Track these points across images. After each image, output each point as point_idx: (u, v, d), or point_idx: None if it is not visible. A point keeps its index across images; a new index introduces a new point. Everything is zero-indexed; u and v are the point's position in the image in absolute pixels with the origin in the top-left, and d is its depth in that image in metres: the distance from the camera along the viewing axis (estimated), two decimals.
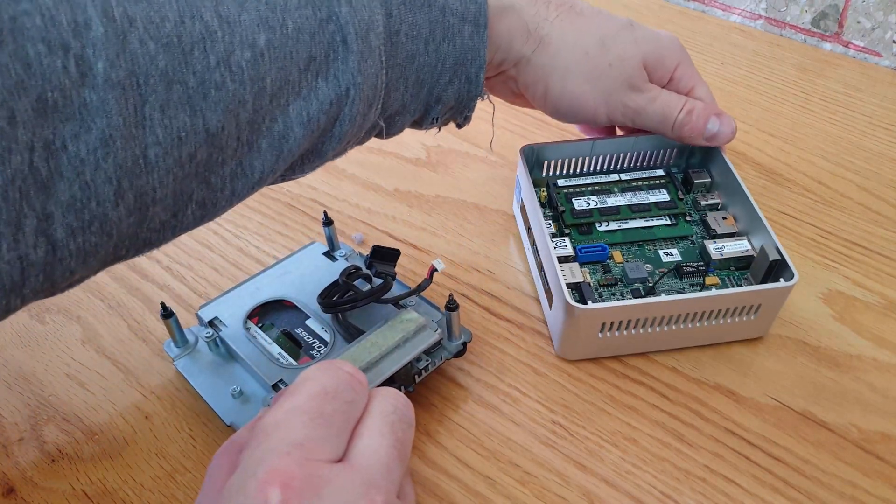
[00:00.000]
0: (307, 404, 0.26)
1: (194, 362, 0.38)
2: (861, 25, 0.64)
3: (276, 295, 0.41)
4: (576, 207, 0.45)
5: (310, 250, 0.44)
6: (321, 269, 0.42)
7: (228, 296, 0.41)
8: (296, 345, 0.38)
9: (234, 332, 0.38)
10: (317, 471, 0.24)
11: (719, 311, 0.38)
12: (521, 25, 0.39)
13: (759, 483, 0.35)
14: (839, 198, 0.51)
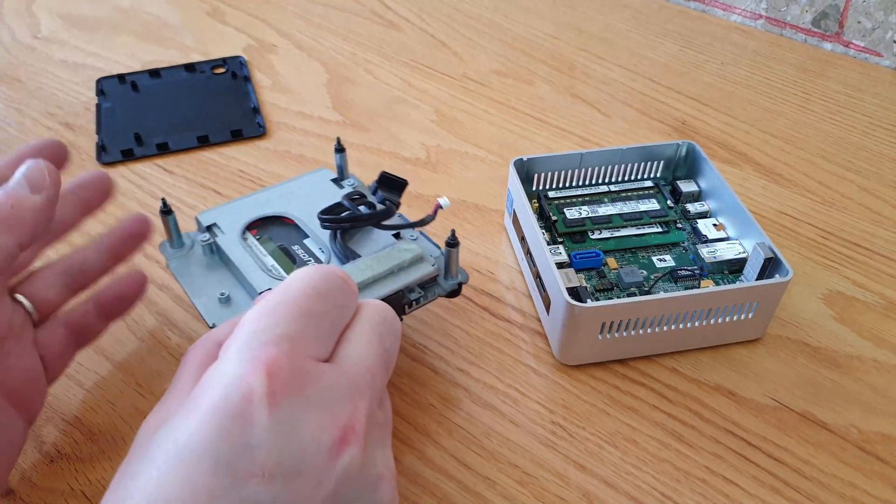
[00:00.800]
0: (298, 300, 0.25)
1: (187, 264, 0.38)
2: (861, 25, 0.64)
3: (278, 211, 0.40)
4: (568, 217, 0.45)
5: (318, 175, 0.43)
6: (327, 193, 0.41)
7: (231, 205, 0.40)
8: (290, 260, 0.38)
9: (230, 239, 0.38)
10: (304, 365, 0.23)
11: (717, 309, 0.38)
12: None
13: (759, 484, 0.35)
14: (839, 198, 0.51)
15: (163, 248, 0.38)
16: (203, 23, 0.69)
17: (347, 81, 0.61)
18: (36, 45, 0.66)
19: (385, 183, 0.39)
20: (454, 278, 0.38)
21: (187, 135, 0.56)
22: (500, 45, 0.66)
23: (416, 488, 0.35)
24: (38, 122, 0.57)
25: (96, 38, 0.67)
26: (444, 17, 0.70)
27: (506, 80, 0.62)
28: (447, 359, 0.40)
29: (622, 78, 0.62)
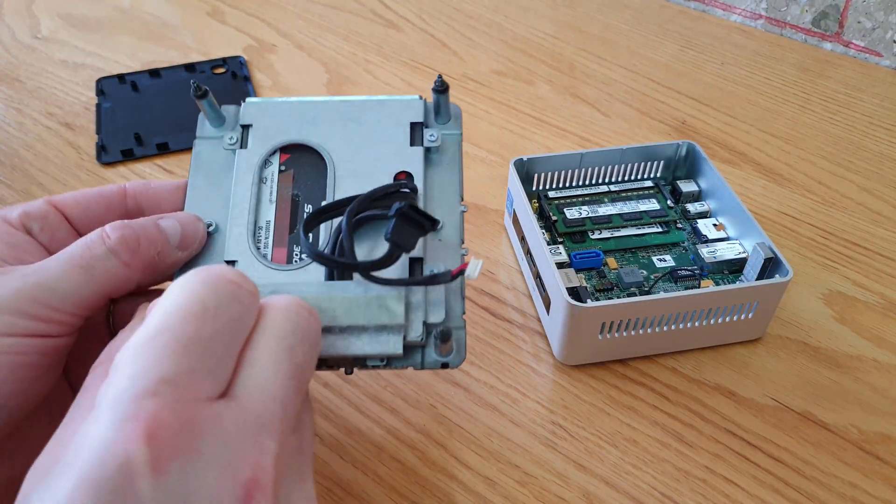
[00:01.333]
0: (180, 326, 0.21)
1: (212, 153, 0.32)
2: (862, 25, 0.64)
3: (321, 143, 0.32)
4: (568, 217, 0.45)
5: (402, 107, 0.33)
6: (393, 141, 0.32)
7: (281, 106, 0.33)
8: (290, 224, 0.31)
9: (246, 162, 0.31)
10: (193, 413, 0.19)
11: (717, 309, 0.38)
12: None
13: (759, 484, 0.35)
14: (840, 198, 0.51)
15: (200, 125, 0.33)
16: (203, 23, 0.69)
17: (347, 81, 0.61)
18: (36, 45, 0.66)
19: (407, 219, 0.28)
20: (442, 356, 0.28)
21: (187, 135, 0.56)
22: (500, 45, 0.66)
23: (416, 488, 0.35)
24: (37, 122, 0.57)
25: (96, 38, 0.67)
26: (444, 17, 0.70)
27: (506, 80, 0.62)
28: None
29: (622, 78, 0.62)
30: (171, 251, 0.28)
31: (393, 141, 0.32)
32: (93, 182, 0.52)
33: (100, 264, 0.26)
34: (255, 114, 0.32)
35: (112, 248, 0.26)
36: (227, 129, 0.32)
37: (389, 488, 0.35)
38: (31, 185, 0.51)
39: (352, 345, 0.27)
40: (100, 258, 0.26)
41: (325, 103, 0.33)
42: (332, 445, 0.36)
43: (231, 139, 0.32)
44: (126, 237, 0.27)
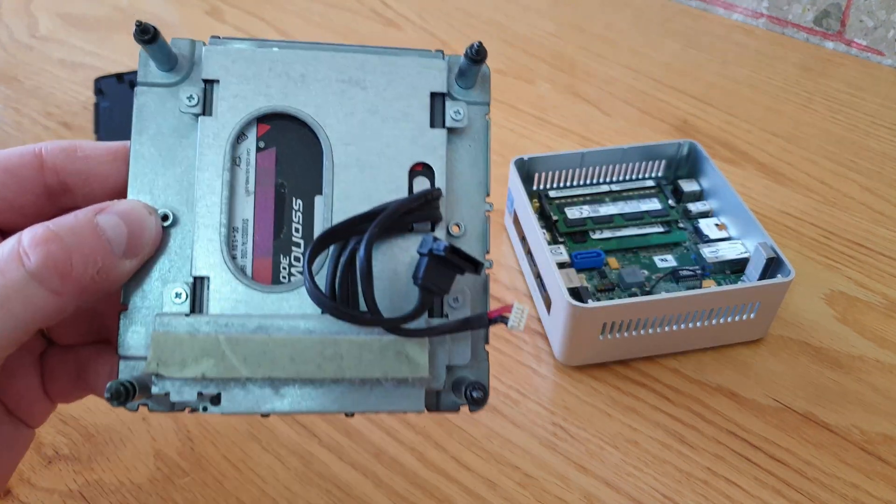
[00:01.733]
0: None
1: (162, 110, 0.24)
2: (864, 24, 0.64)
3: (318, 114, 0.24)
4: (569, 217, 0.45)
5: (418, 68, 0.25)
6: (409, 121, 0.25)
7: (257, 55, 0.24)
8: (275, 227, 0.24)
9: (215, 134, 0.24)
10: None
11: (718, 309, 0.38)
12: None
13: (761, 485, 0.35)
14: (842, 198, 0.51)
15: (143, 67, 0.24)
16: (202, 22, 0.69)
17: None
18: (34, 45, 0.65)
19: (443, 262, 0.22)
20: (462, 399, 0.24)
21: None
22: (501, 44, 0.66)
23: (416, 490, 0.35)
24: (36, 122, 0.57)
25: (94, 37, 0.67)
26: (444, 16, 0.70)
27: (506, 78, 0.62)
28: None
29: (623, 77, 0.62)
30: (115, 263, 0.22)
31: (407, 117, 0.25)
32: None
33: (18, 296, 0.20)
34: (222, 64, 0.24)
35: (34, 273, 0.20)
36: (178, 72, 0.24)
37: (389, 490, 0.35)
38: None
39: (363, 401, 0.23)
40: (17, 287, 0.20)
41: (318, 55, 0.24)
42: (331, 447, 0.36)
43: (190, 99, 0.24)
44: (52, 255, 0.20)
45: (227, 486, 0.35)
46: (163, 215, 0.23)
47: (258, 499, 0.34)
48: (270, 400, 0.22)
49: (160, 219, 0.23)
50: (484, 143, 0.26)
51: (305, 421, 0.37)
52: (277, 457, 0.36)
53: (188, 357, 0.22)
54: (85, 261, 0.21)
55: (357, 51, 0.25)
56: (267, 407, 0.22)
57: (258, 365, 0.22)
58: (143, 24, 0.24)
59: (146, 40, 0.24)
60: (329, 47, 0.25)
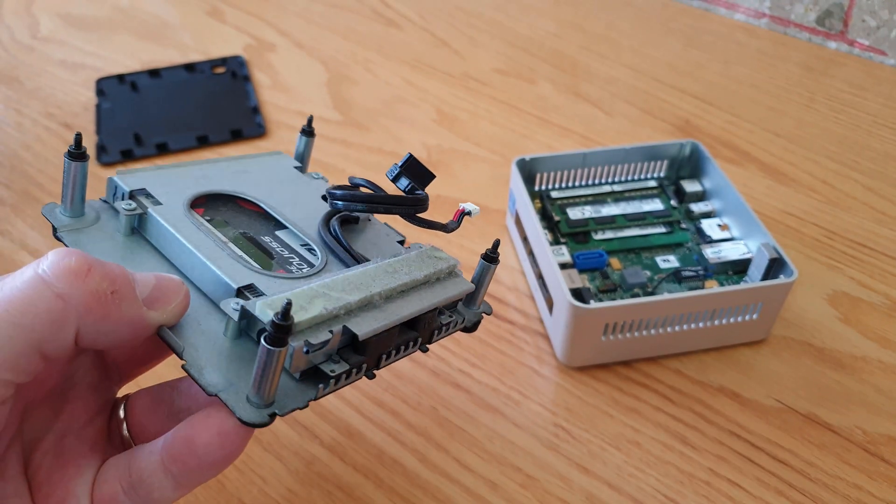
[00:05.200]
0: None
1: (92, 243, 0.25)
2: (866, 24, 0.64)
3: (233, 189, 0.29)
4: (571, 217, 0.45)
5: (275, 159, 0.33)
6: (295, 181, 0.32)
7: (159, 173, 0.28)
8: (265, 253, 0.27)
9: (172, 213, 0.26)
10: None
11: (721, 310, 0.38)
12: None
13: (764, 486, 0.35)
14: (844, 198, 0.51)
15: (50, 212, 0.26)
16: (202, 22, 0.69)
17: (347, 80, 0.61)
18: (35, 46, 0.65)
19: (411, 170, 0.29)
20: (478, 307, 0.29)
21: (187, 135, 0.55)
22: (502, 44, 0.66)
23: (417, 491, 0.35)
24: (37, 123, 0.57)
25: (95, 37, 0.67)
26: (444, 16, 0.70)
27: (507, 78, 0.62)
28: (448, 360, 0.40)
29: (625, 77, 0.62)
30: (132, 299, 0.21)
31: (293, 179, 0.32)
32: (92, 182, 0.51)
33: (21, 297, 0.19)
34: (140, 179, 0.28)
35: (45, 273, 0.20)
36: (85, 220, 0.26)
37: (390, 491, 0.35)
38: (30, 185, 0.51)
39: (434, 296, 0.27)
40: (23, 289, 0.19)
41: (204, 166, 0.30)
42: (333, 448, 0.36)
43: (129, 206, 0.26)
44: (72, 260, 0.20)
45: (229, 486, 0.35)
46: None
47: (259, 499, 0.34)
48: (381, 317, 0.25)
49: (187, 289, 0.23)
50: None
51: (306, 422, 0.37)
52: (279, 457, 0.36)
53: (303, 303, 0.23)
54: (102, 275, 0.20)
55: (228, 159, 0.32)
56: (385, 320, 0.24)
57: (356, 289, 0.25)
58: (80, 137, 0.25)
59: (77, 156, 0.25)
60: (204, 161, 0.31)
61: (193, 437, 0.22)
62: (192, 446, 0.22)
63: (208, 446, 0.22)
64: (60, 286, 0.19)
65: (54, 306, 0.19)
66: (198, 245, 0.25)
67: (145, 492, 0.23)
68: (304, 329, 0.23)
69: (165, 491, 0.23)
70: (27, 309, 0.19)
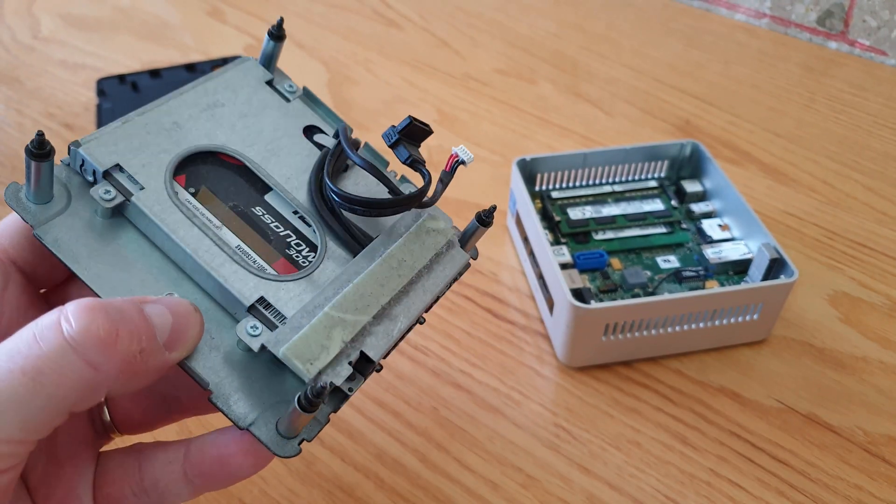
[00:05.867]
0: None
1: (74, 239, 0.23)
2: (867, 24, 0.64)
3: (209, 142, 0.26)
4: (571, 217, 0.45)
5: (242, 70, 0.29)
6: (271, 106, 0.28)
7: (128, 129, 0.25)
8: (260, 235, 0.25)
9: (157, 200, 0.24)
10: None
11: (721, 310, 0.38)
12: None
13: (764, 486, 0.35)
14: (845, 198, 0.51)
15: (14, 198, 0.23)
16: (203, 22, 0.69)
17: (348, 81, 0.61)
18: (36, 46, 0.65)
19: (411, 133, 0.27)
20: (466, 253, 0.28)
21: None
22: (503, 44, 0.66)
23: (418, 491, 0.35)
24: (38, 123, 0.57)
25: (96, 38, 0.67)
26: (445, 16, 0.70)
27: (508, 79, 0.62)
28: (449, 361, 0.40)
29: (625, 77, 0.62)
30: (158, 349, 0.21)
31: (267, 105, 0.29)
32: None
33: (52, 367, 0.18)
34: (109, 151, 0.24)
35: (73, 339, 0.18)
36: (60, 197, 0.24)
37: (391, 491, 0.35)
38: None
39: (438, 281, 0.26)
40: (52, 357, 0.18)
41: (170, 104, 0.26)
42: (334, 449, 0.36)
43: (108, 193, 0.23)
44: (97, 323, 0.19)
45: (230, 487, 0.35)
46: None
47: (260, 500, 0.34)
48: (393, 327, 0.25)
49: (201, 318, 0.22)
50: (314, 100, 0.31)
51: None
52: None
53: (322, 341, 0.23)
54: (130, 336, 0.19)
55: (195, 86, 0.28)
56: (397, 331, 0.25)
57: (367, 305, 0.24)
58: (44, 138, 0.22)
59: (40, 155, 0.22)
60: (171, 95, 0.27)
61: (228, 457, 0.23)
62: (226, 466, 0.23)
63: (241, 466, 0.22)
64: (91, 356, 0.19)
65: (86, 375, 0.19)
66: (196, 248, 0.24)
67: (158, 497, 0.23)
68: (326, 368, 0.23)
69: (181, 497, 0.23)
70: (60, 380, 0.18)
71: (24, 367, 0.18)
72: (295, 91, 0.30)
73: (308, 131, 0.29)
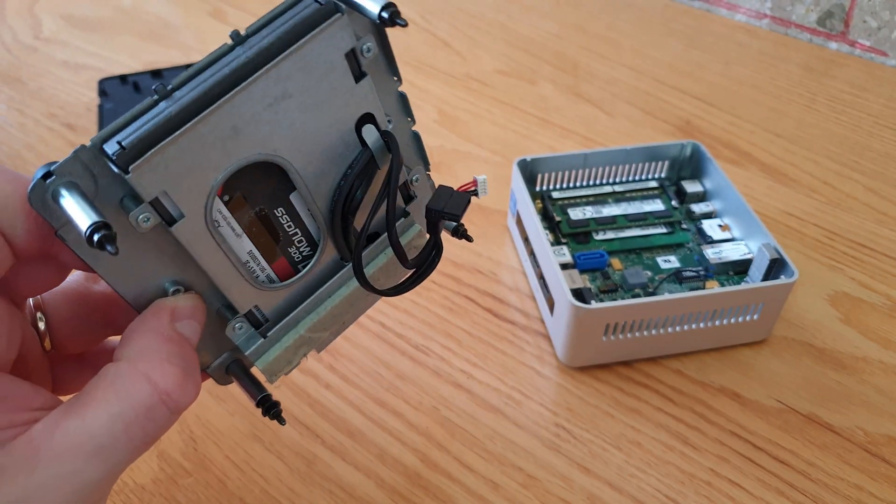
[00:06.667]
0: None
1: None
2: (867, 24, 0.64)
3: (263, 147, 0.23)
4: (572, 217, 0.45)
5: (328, 39, 0.23)
6: (337, 92, 0.24)
7: (181, 145, 0.21)
8: (272, 236, 0.25)
9: (193, 230, 0.23)
10: None
11: (722, 310, 0.38)
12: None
13: (765, 486, 0.35)
14: (845, 198, 0.51)
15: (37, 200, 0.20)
16: (204, 23, 0.69)
17: None
18: (38, 46, 0.66)
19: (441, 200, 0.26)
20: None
21: None
22: (504, 45, 0.66)
23: (419, 491, 0.35)
24: (39, 123, 0.57)
25: (98, 38, 0.67)
26: (446, 17, 0.70)
27: (509, 79, 0.62)
28: (450, 360, 0.40)
29: (626, 77, 0.62)
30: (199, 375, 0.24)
31: (336, 91, 0.24)
32: None
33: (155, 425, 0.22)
34: (157, 178, 0.21)
35: (175, 405, 0.22)
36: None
37: (392, 491, 0.35)
38: None
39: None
40: (162, 424, 0.22)
41: (234, 104, 0.22)
42: (334, 448, 0.36)
43: (146, 220, 0.21)
44: (190, 382, 0.22)
45: (230, 486, 0.35)
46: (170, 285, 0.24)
47: (261, 499, 0.34)
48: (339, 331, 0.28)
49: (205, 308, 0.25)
50: (384, 61, 0.26)
51: (308, 421, 0.37)
52: (280, 457, 0.36)
53: (290, 357, 0.26)
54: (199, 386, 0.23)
55: (270, 69, 0.22)
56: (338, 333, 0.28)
57: (334, 324, 0.27)
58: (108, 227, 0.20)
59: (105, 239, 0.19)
60: (241, 86, 0.22)
61: None
62: None
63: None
64: (181, 412, 0.22)
65: (172, 421, 0.22)
66: (215, 272, 0.24)
67: None
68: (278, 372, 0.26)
69: None
70: (155, 436, 0.22)
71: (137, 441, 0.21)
72: (371, 51, 0.24)
73: (362, 119, 0.25)
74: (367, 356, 0.40)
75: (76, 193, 0.20)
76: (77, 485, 0.20)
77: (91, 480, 0.20)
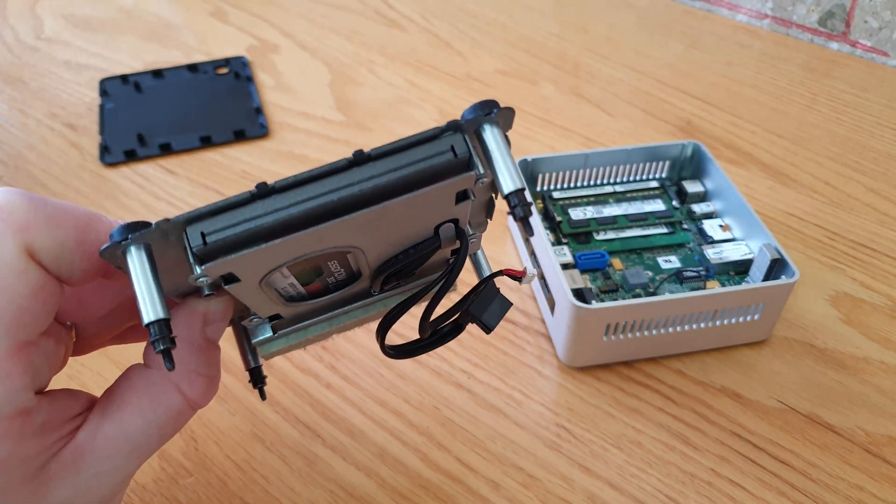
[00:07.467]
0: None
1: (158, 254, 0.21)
2: (868, 25, 0.64)
3: (344, 243, 0.23)
4: (573, 217, 0.45)
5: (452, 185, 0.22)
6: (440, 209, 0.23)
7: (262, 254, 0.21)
8: (316, 273, 0.24)
9: (247, 288, 0.23)
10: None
11: (723, 310, 0.38)
12: None
13: (765, 486, 0.35)
14: (846, 199, 0.51)
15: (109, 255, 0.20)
16: (206, 23, 0.69)
17: (350, 82, 0.61)
18: (39, 46, 0.66)
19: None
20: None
21: (190, 135, 0.56)
22: (505, 45, 0.66)
23: (420, 491, 0.35)
24: (41, 123, 0.57)
25: (99, 38, 0.67)
26: (447, 17, 0.70)
27: (510, 80, 0.62)
28: (450, 360, 0.40)
29: (627, 78, 0.62)
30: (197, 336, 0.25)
31: (437, 208, 0.23)
32: (96, 183, 0.52)
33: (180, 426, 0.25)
34: (226, 268, 0.21)
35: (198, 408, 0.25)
36: None
37: (392, 491, 0.35)
38: (35, 186, 0.51)
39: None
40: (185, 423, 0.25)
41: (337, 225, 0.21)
42: (335, 448, 0.36)
43: (203, 282, 0.21)
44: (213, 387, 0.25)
45: (231, 486, 0.35)
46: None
47: (262, 499, 0.34)
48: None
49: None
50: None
51: (308, 421, 0.37)
52: (281, 457, 0.36)
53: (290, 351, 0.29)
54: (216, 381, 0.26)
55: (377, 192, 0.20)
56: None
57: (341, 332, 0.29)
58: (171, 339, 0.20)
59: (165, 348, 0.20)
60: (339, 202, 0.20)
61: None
62: None
63: None
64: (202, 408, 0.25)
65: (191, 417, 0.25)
66: (251, 302, 0.24)
67: None
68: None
69: None
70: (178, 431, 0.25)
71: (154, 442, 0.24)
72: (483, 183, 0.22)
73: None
74: (368, 356, 0.40)
75: (146, 258, 0.20)
76: (118, 478, 0.24)
77: (128, 473, 0.24)
